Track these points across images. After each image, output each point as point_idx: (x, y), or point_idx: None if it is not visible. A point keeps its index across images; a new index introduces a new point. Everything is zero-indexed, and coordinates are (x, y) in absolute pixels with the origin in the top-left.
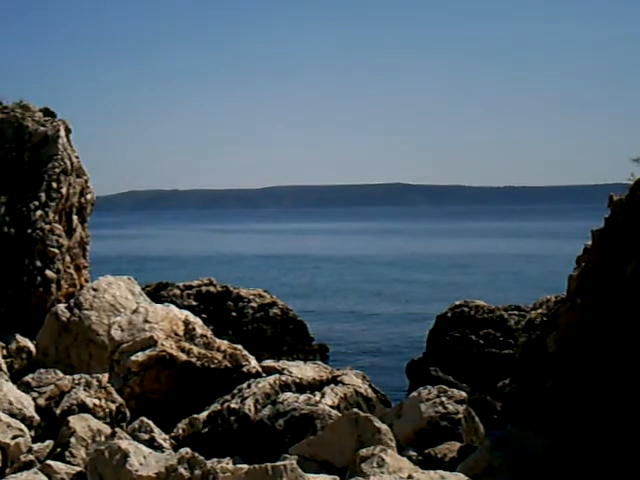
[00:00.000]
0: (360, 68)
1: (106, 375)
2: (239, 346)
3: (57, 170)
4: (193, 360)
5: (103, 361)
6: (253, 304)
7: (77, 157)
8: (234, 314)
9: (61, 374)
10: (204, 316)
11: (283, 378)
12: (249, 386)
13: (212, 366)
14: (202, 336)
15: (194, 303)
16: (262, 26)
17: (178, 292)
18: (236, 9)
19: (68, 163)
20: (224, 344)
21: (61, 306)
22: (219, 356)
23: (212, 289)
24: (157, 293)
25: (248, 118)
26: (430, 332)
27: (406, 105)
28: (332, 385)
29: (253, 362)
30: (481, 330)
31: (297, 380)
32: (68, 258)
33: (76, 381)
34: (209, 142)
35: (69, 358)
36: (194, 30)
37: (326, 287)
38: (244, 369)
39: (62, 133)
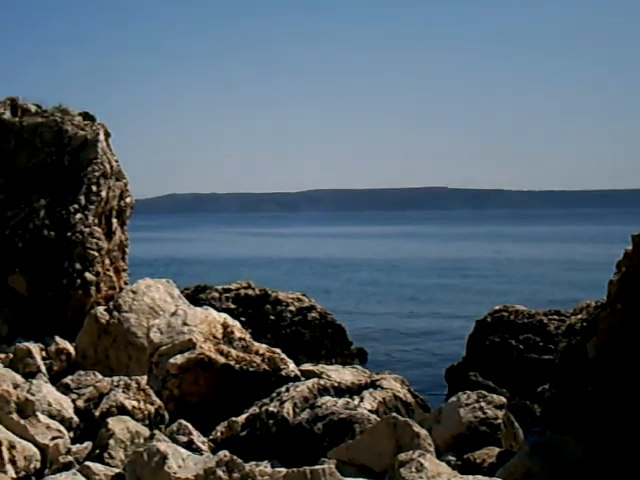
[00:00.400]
0: (400, 71)
1: (145, 377)
2: (277, 350)
3: (97, 173)
4: (231, 363)
5: (142, 363)
6: (292, 308)
7: (116, 161)
8: (272, 317)
9: (100, 376)
10: (242, 319)
11: (322, 382)
12: (288, 390)
13: (250, 369)
14: (240, 339)
15: (232, 306)
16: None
17: (217, 295)
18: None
19: (107, 166)
20: (262, 347)
21: (100, 308)
22: (257, 359)
23: (250, 292)
24: (196, 296)
25: (287, 122)
26: (470, 337)
27: (446, 108)
28: (371, 389)
29: (292, 366)
30: (521, 335)
31: (336, 384)
32: (107, 261)
33: (115, 383)
34: (248, 145)
35: (108, 360)
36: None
37: (364, 291)
38: (282, 372)
39: (101, 137)
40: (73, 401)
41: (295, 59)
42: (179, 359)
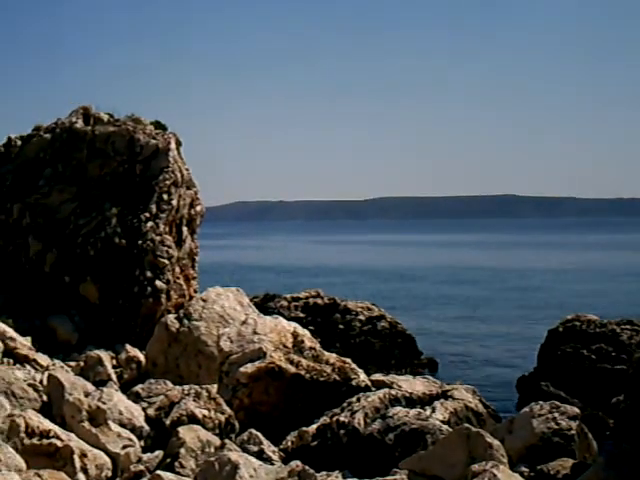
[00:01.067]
0: (467, 79)
1: (215, 386)
2: (348, 359)
3: (168, 182)
4: (302, 373)
5: (212, 372)
6: (361, 317)
7: (187, 169)
8: (341, 327)
9: (171, 384)
10: (311, 328)
11: (393, 392)
12: (359, 400)
13: (321, 379)
14: (311, 348)
15: (301, 315)
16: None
17: (285, 304)
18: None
19: (179, 175)
20: (333, 357)
21: (171, 317)
22: (328, 369)
23: (319, 301)
24: (264, 304)
25: (354, 129)
26: (541, 347)
27: (515, 115)
28: (442, 400)
29: (362, 376)
30: (593, 345)
31: (407, 394)
32: (178, 269)
33: (186, 392)
34: (315, 153)
35: (178, 368)
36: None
37: (432, 300)
38: (353, 382)
39: (173, 146)
40: (144, 409)
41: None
42: (249, 368)
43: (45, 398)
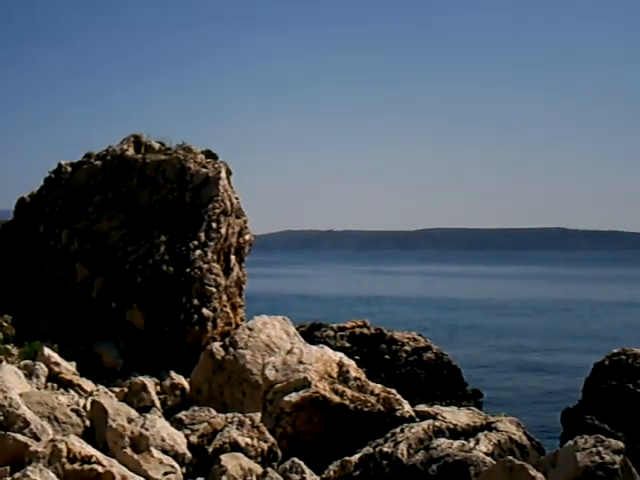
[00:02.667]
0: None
1: (259, 414)
2: (393, 390)
3: (217, 211)
4: (346, 403)
5: (256, 400)
6: (407, 347)
7: (237, 198)
8: (387, 357)
9: (214, 412)
10: (357, 358)
11: (437, 423)
12: (402, 430)
13: (365, 409)
14: (356, 379)
15: (347, 345)
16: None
17: (332, 333)
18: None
19: (228, 204)
20: (378, 387)
21: (216, 344)
22: (373, 399)
23: (366, 331)
24: (311, 333)
25: (403, 160)
26: (587, 380)
27: (564, 147)
28: (486, 431)
29: (407, 406)
30: (639, 379)
31: (451, 426)
32: (225, 297)
33: (229, 420)
34: (364, 183)
35: (222, 396)
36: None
37: (481, 331)
38: (397, 413)
39: (223, 175)
40: (186, 436)
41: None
42: (294, 397)
43: (88, 423)
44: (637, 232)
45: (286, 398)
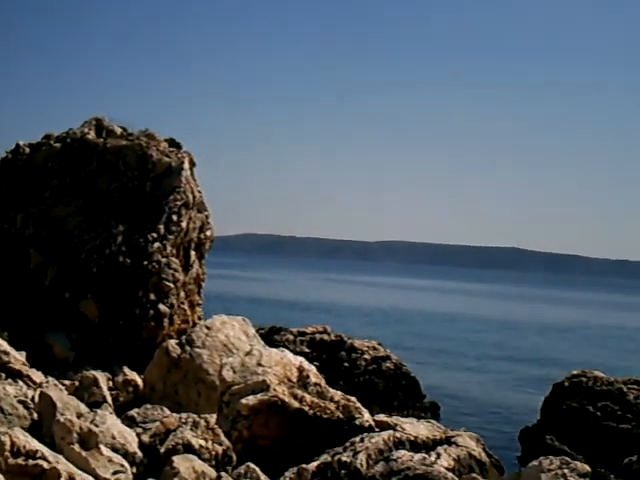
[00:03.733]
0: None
1: (214, 416)
2: (353, 398)
3: (178, 203)
4: (305, 408)
5: (212, 401)
6: (366, 356)
7: (200, 191)
8: (346, 364)
9: (168, 411)
10: (316, 364)
11: (397, 435)
12: (362, 440)
13: (324, 416)
14: (316, 384)
15: (307, 350)
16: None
17: (291, 337)
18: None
19: (190, 197)
20: (338, 394)
21: (172, 342)
22: (332, 406)
23: (326, 337)
24: (270, 337)
25: (366, 171)
26: (546, 400)
27: (523, 167)
28: (445, 445)
29: (366, 415)
30: (599, 402)
31: (412, 438)
32: (183, 294)
33: (183, 420)
34: (328, 191)
35: (177, 395)
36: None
37: (435, 344)
38: (357, 422)
39: (186, 165)
40: (138, 435)
41: (380, 105)
42: (251, 400)
43: (35, 416)
44: (595, 257)
45: (243, 401)
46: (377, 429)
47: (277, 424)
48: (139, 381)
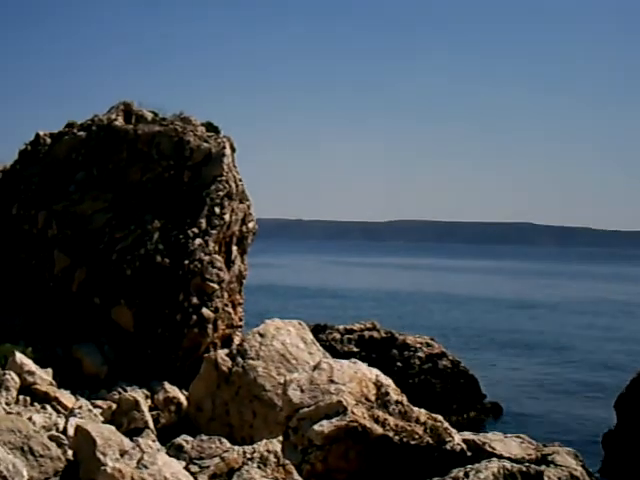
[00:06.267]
0: (484, 106)
1: (276, 443)
2: (439, 416)
3: (221, 193)
4: (390, 434)
5: (270, 423)
6: (420, 354)
7: (241, 180)
8: (399, 364)
9: (228, 444)
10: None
11: (508, 466)
12: (467, 475)
13: (412, 442)
14: (397, 403)
15: (355, 349)
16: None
17: (338, 336)
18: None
19: (233, 186)
20: (422, 414)
21: (221, 353)
22: (419, 429)
23: (375, 334)
24: (315, 336)
25: (374, 151)
26: (621, 397)
27: (533, 144)
28: (544, 466)
29: (456, 437)
30: None
31: (524, 469)
32: (226, 294)
33: (248, 455)
34: (334, 173)
35: (228, 416)
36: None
37: (474, 332)
38: (447, 446)
39: (227, 151)
40: (193, 475)
41: (384, 98)
42: (326, 426)
43: (70, 455)
44: (605, 229)
45: (316, 427)
46: (469, 452)
47: (357, 454)
48: (182, 399)
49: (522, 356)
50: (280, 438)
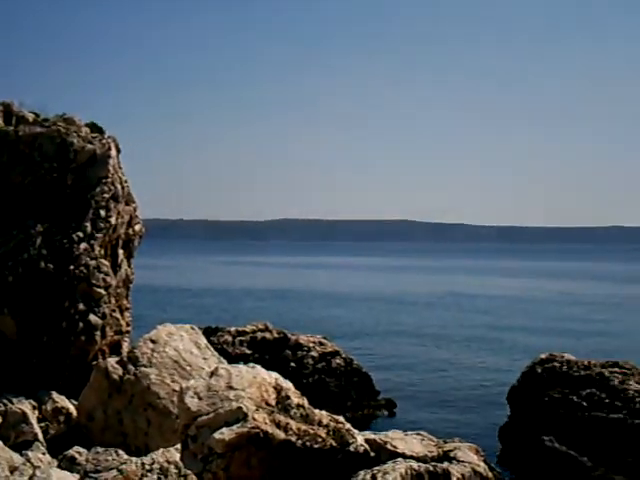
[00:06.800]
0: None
1: (174, 452)
2: (341, 418)
3: (106, 195)
4: (293, 439)
5: (165, 431)
6: (314, 353)
7: (126, 181)
8: (293, 364)
9: (125, 455)
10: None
11: (415, 466)
12: (374, 478)
13: (315, 446)
14: (299, 406)
15: (248, 351)
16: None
17: (230, 338)
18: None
19: (119, 188)
20: (324, 416)
21: (112, 361)
22: (322, 432)
23: (268, 335)
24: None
25: (251, 149)
26: (513, 389)
27: (414, 136)
28: (446, 463)
29: (359, 438)
30: (582, 390)
31: (431, 468)
32: (113, 300)
33: (147, 466)
34: (214, 172)
35: (122, 425)
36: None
37: (364, 328)
38: (351, 447)
39: (113, 152)
40: None
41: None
42: (227, 434)
43: None
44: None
45: (217, 435)
46: (372, 453)
47: (259, 461)
48: (72, 409)
49: (414, 351)
50: (178, 447)
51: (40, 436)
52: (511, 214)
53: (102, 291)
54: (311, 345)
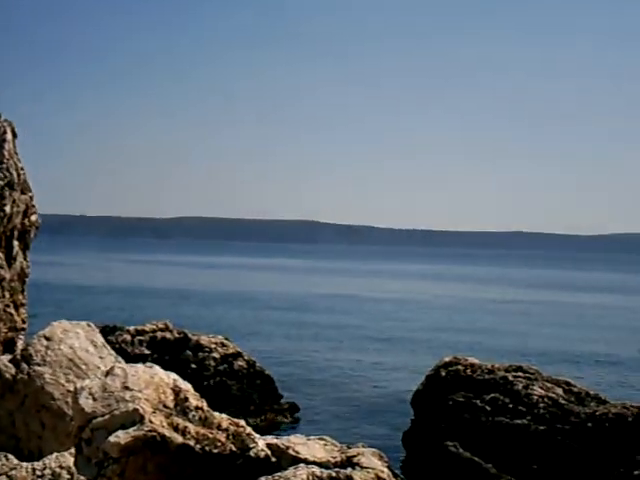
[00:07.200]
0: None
1: (68, 456)
2: (242, 422)
3: (1, 182)
4: (191, 443)
5: (59, 433)
6: (215, 354)
7: (22, 169)
8: (194, 366)
9: (15, 460)
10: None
11: (317, 472)
12: None
13: (215, 450)
14: (197, 409)
15: (147, 352)
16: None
17: (129, 338)
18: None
19: (15, 175)
20: (224, 419)
21: (4, 359)
22: (222, 437)
23: (168, 335)
24: (104, 338)
25: (155, 144)
26: (417, 393)
27: (315, 140)
28: (349, 469)
29: (260, 443)
30: (485, 394)
31: (333, 474)
32: (7, 294)
33: (38, 472)
34: (118, 167)
35: (14, 428)
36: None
37: (266, 329)
38: (252, 452)
39: (9, 136)
40: None
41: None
42: (122, 437)
43: None
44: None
45: (112, 438)
46: (274, 458)
47: (156, 466)
48: None
49: (318, 354)
50: (72, 451)
51: None
52: (423, 218)
53: None
54: (213, 346)
